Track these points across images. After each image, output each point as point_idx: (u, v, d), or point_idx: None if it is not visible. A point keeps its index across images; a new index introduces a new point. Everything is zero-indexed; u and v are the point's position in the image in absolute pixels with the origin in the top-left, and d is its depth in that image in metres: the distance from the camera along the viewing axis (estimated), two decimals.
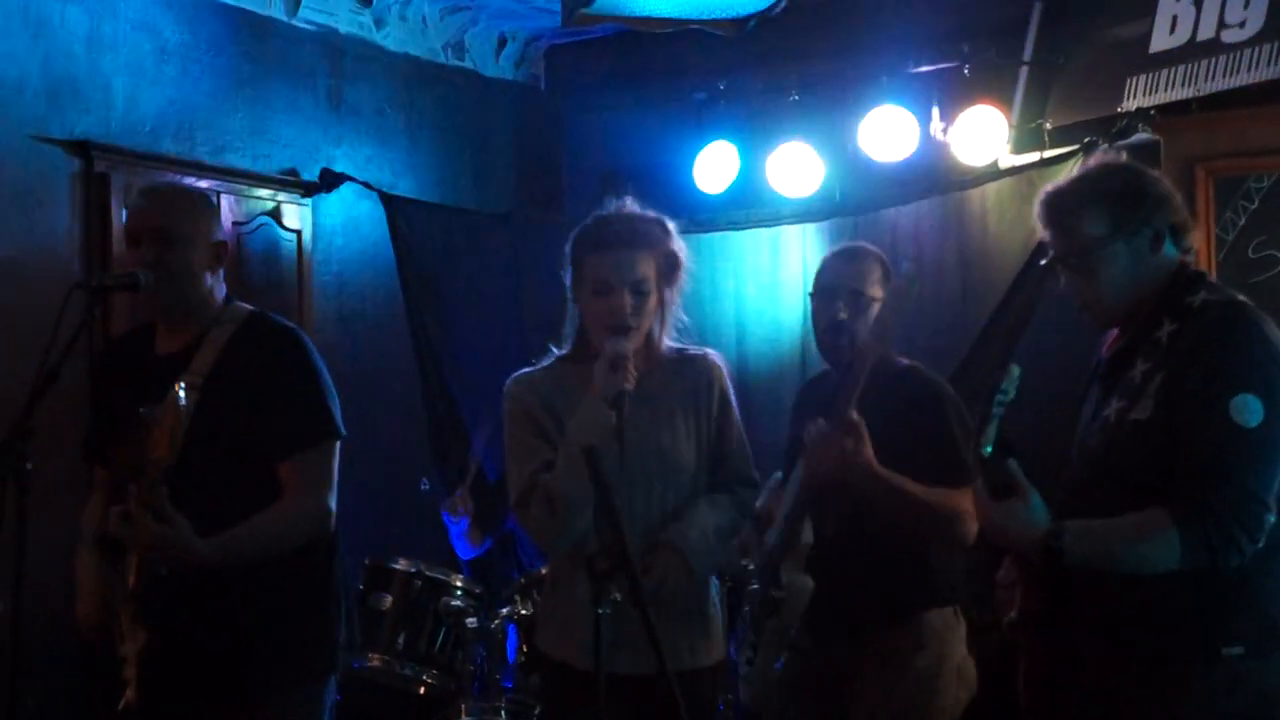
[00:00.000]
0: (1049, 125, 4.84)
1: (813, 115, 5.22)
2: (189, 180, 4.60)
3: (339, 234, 5.29)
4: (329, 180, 5.10)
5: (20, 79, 4.17)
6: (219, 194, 4.68)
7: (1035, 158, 4.82)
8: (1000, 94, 4.88)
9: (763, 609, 3.23)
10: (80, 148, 4.30)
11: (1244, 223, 4.41)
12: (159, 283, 2.76)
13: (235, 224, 4.75)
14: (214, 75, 4.78)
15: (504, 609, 4.10)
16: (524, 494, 2.79)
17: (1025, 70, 4.94)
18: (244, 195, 4.86)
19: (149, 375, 2.83)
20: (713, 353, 3.00)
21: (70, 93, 4.31)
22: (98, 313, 2.74)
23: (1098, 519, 2.38)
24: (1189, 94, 4.45)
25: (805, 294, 3.85)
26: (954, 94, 4.93)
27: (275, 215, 4.96)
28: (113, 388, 2.94)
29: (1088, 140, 4.53)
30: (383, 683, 4.09)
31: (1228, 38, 4.35)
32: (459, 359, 5.17)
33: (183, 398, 2.52)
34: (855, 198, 5.26)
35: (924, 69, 5.00)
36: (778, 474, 3.37)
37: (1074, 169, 4.08)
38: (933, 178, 5.06)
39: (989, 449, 2.35)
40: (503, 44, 6.02)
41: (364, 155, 5.38)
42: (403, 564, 4.22)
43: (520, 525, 2.95)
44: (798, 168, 5.21)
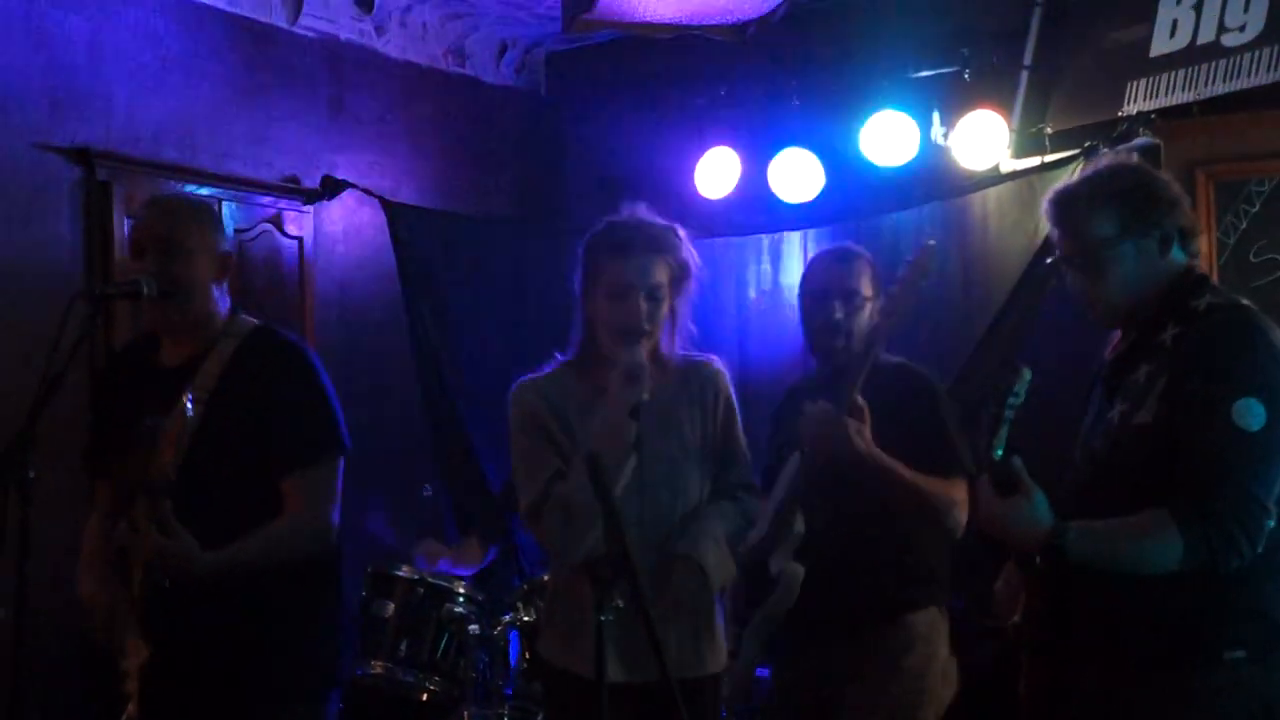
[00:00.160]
0: (1050, 130, 4.84)
1: (814, 120, 5.23)
2: (190, 188, 4.63)
3: (340, 241, 5.29)
4: (330, 187, 5.11)
5: (22, 87, 4.17)
6: (221, 201, 4.69)
7: (1036, 162, 4.82)
8: (1001, 98, 4.88)
9: (749, 599, 3.23)
10: (82, 156, 4.30)
11: (1245, 226, 4.41)
12: (164, 294, 2.75)
13: (237, 231, 4.75)
14: (215, 83, 4.79)
15: (506, 616, 4.09)
16: (537, 503, 2.77)
17: (1026, 75, 4.94)
18: (246, 202, 4.86)
19: (153, 388, 2.83)
20: (716, 359, 3.00)
21: (72, 101, 4.31)
22: (100, 321, 2.74)
23: (1100, 520, 2.38)
24: (1189, 98, 4.44)
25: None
26: (955, 99, 4.93)
27: (277, 222, 4.97)
28: (115, 400, 2.94)
29: (1088, 144, 4.53)
30: (385, 690, 4.09)
31: (1228, 41, 4.35)
32: (460, 365, 5.17)
33: (190, 409, 2.52)
34: (856, 203, 5.26)
35: (924, 74, 5.01)
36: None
37: (1080, 170, 4.07)
38: (933, 183, 5.06)
39: (999, 451, 2.36)
40: (503, 50, 6.03)
41: (365, 162, 5.39)
42: (405, 571, 4.21)
43: (532, 534, 2.91)
44: (799, 173, 5.21)
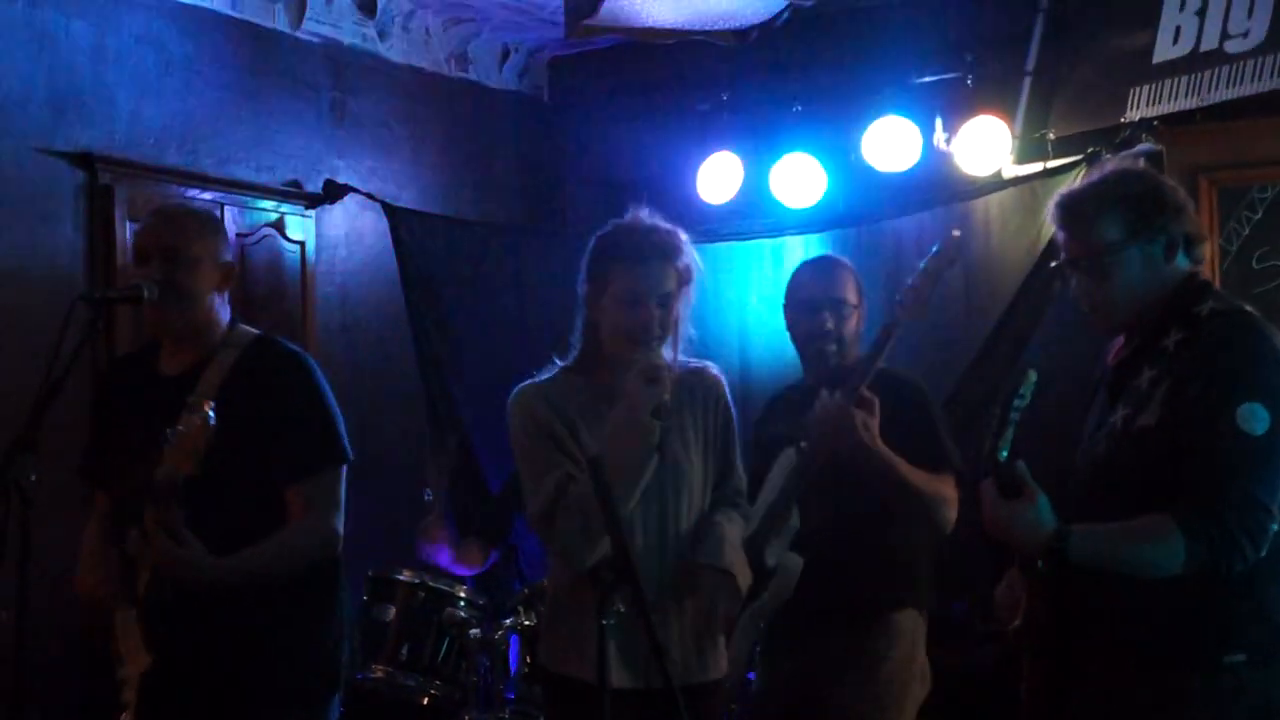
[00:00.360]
0: (1052, 136, 4.84)
1: (816, 126, 5.23)
2: (192, 192, 4.63)
3: (342, 245, 5.30)
4: (332, 192, 5.11)
5: (24, 92, 4.18)
6: (223, 206, 4.69)
7: (1038, 168, 4.82)
8: (1003, 104, 4.88)
9: (752, 591, 3.24)
10: (84, 160, 4.31)
11: (1248, 233, 4.41)
12: (166, 302, 2.75)
13: (239, 235, 4.75)
14: (218, 87, 4.79)
15: (507, 620, 4.10)
16: (548, 507, 2.75)
17: (1028, 81, 4.94)
18: (247, 207, 4.86)
19: (153, 396, 2.83)
20: (712, 365, 3.00)
21: (74, 105, 4.31)
22: (101, 325, 2.73)
23: (1103, 523, 2.38)
24: (1192, 104, 4.44)
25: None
26: (957, 104, 4.93)
27: (279, 227, 4.97)
28: (115, 409, 2.93)
29: (1091, 150, 4.53)
30: (386, 694, 4.09)
31: (1231, 48, 4.35)
32: (462, 370, 5.17)
33: (212, 416, 2.52)
34: (858, 208, 5.26)
35: (927, 79, 5.01)
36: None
37: (1083, 176, 4.08)
38: (936, 188, 5.06)
39: (1005, 453, 2.36)
40: (506, 55, 6.03)
41: (367, 166, 5.39)
42: (406, 575, 4.21)
43: (542, 539, 2.89)
44: (801, 178, 5.21)
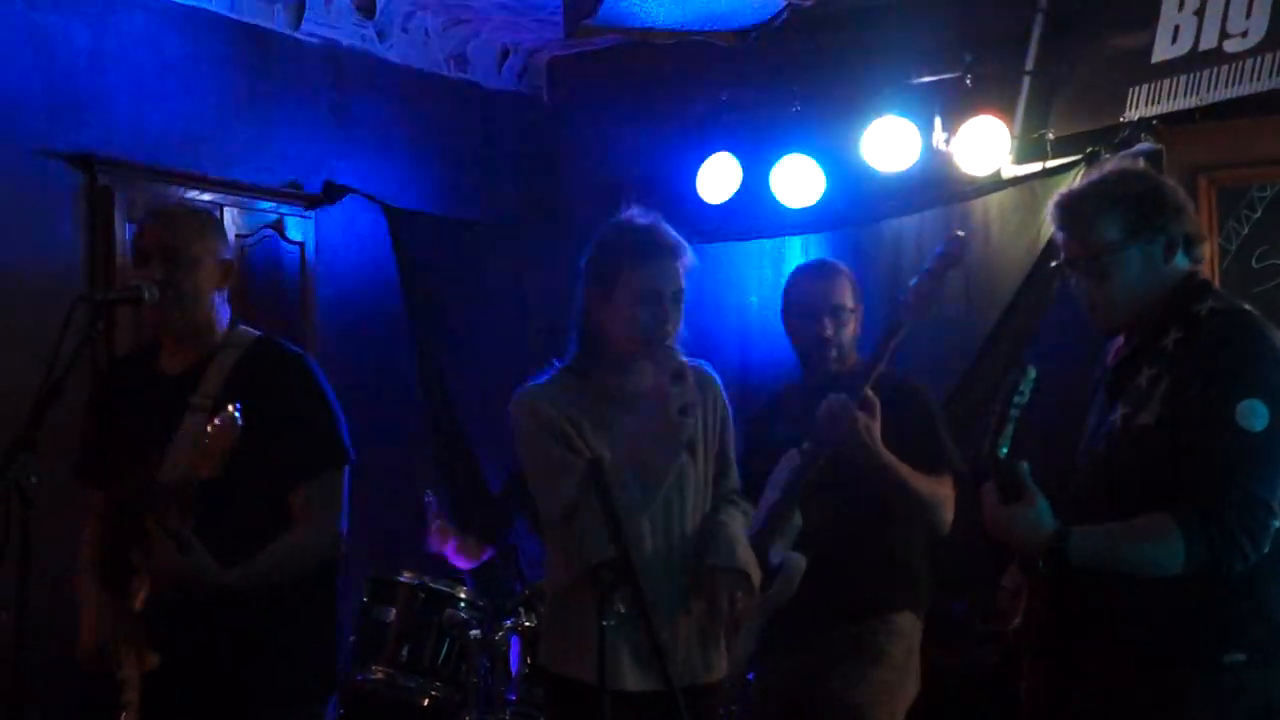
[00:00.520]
0: (1051, 135, 4.83)
1: (815, 126, 5.22)
2: (192, 193, 4.63)
3: (342, 246, 5.30)
4: (332, 193, 5.12)
5: (24, 93, 4.18)
6: (222, 207, 4.70)
7: (1038, 168, 4.82)
8: (1002, 104, 4.88)
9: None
10: (84, 161, 4.31)
11: (1247, 232, 4.41)
12: (166, 301, 2.76)
13: (239, 236, 4.75)
14: (217, 89, 4.79)
15: (507, 621, 4.10)
16: (569, 507, 2.70)
17: (1027, 80, 4.94)
18: (247, 208, 4.86)
19: (153, 396, 2.83)
20: (707, 364, 3.00)
21: (74, 107, 4.32)
22: (101, 326, 2.73)
23: (1103, 523, 2.38)
24: (1191, 104, 4.44)
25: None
26: (956, 104, 4.92)
27: (278, 227, 4.97)
28: (114, 409, 2.93)
29: (1090, 150, 4.53)
30: (386, 695, 4.09)
31: (1230, 47, 4.35)
32: (461, 370, 5.17)
33: (239, 418, 2.53)
34: (857, 208, 5.25)
35: (926, 79, 5.00)
36: None
37: (1082, 176, 4.08)
38: (935, 188, 5.06)
39: (1004, 450, 2.36)
40: (505, 56, 6.03)
41: (367, 167, 5.39)
42: (406, 576, 4.21)
43: (556, 539, 2.85)
44: (800, 179, 5.21)
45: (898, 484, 3.20)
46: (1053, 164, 4.76)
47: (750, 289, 5.51)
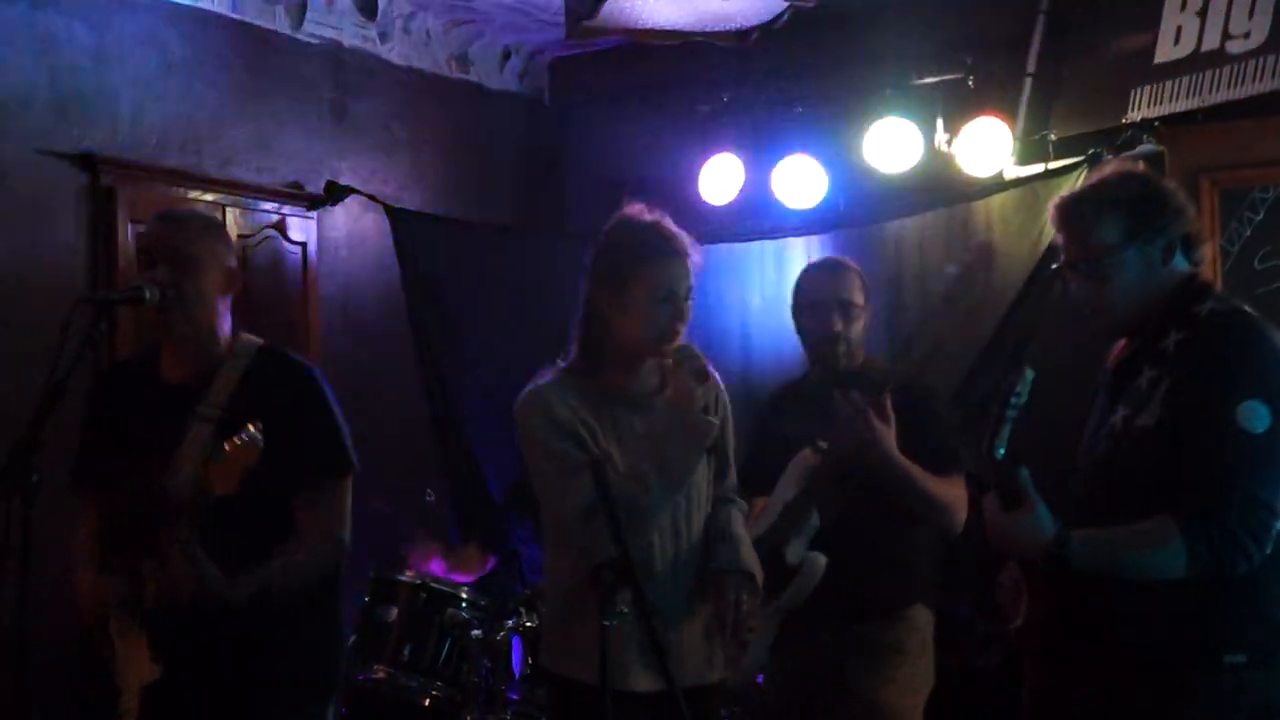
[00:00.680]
0: (1053, 137, 4.83)
1: (817, 127, 5.23)
2: (194, 193, 4.63)
3: (343, 246, 5.30)
4: (334, 193, 5.12)
5: (27, 93, 4.18)
6: (224, 207, 4.70)
7: (1040, 169, 4.82)
8: (1004, 105, 4.88)
9: (772, 588, 3.26)
10: (86, 161, 4.31)
11: (1249, 234, 4.41)
12: (170, 304, 2.74)
13: (240, 236, 4.75)
14: (219, 89, 4.80)
15: (509, 621, 4.10)
16: (586, 509, 2.64)
17: (1029, 82, 4.94)
18: (249, 208, 4.86)
19: (156, 405, 2.82)
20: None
21: (76, 107, 4.32)
22: (104, 326, 2.72)
23: (1104, 526, 2.38)
24: (1194, 105, 4.44)
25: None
26: (958, 106, 4.93)
27: (280, 228, 4.97)
28: (114, 415, 2.90)
29: (1092, 151, 4.53)
30: (387, 695, 4.09)
31: (1232, 48, 4.35)
32: (463, 371, 5.17)
33: (260, 438, 2.53)
34: (859, 209, 5.26)
35: (928, 81, 5.01)
36: None
37: (1084, 177, 4.08)
38: (937, 189, 5.06)
39: (1001, 451, 2.36)
40: (506, 57, 6.04)
41: (368, 168, 5.39)
42: (408, 576, 4.22)
43: (560, 543, 2.83)
44: (802, 180, 5.21)
45: (913, 489, 3.20)
46: (1054, 165, 4.76)
47: (752, 290, 5.51)
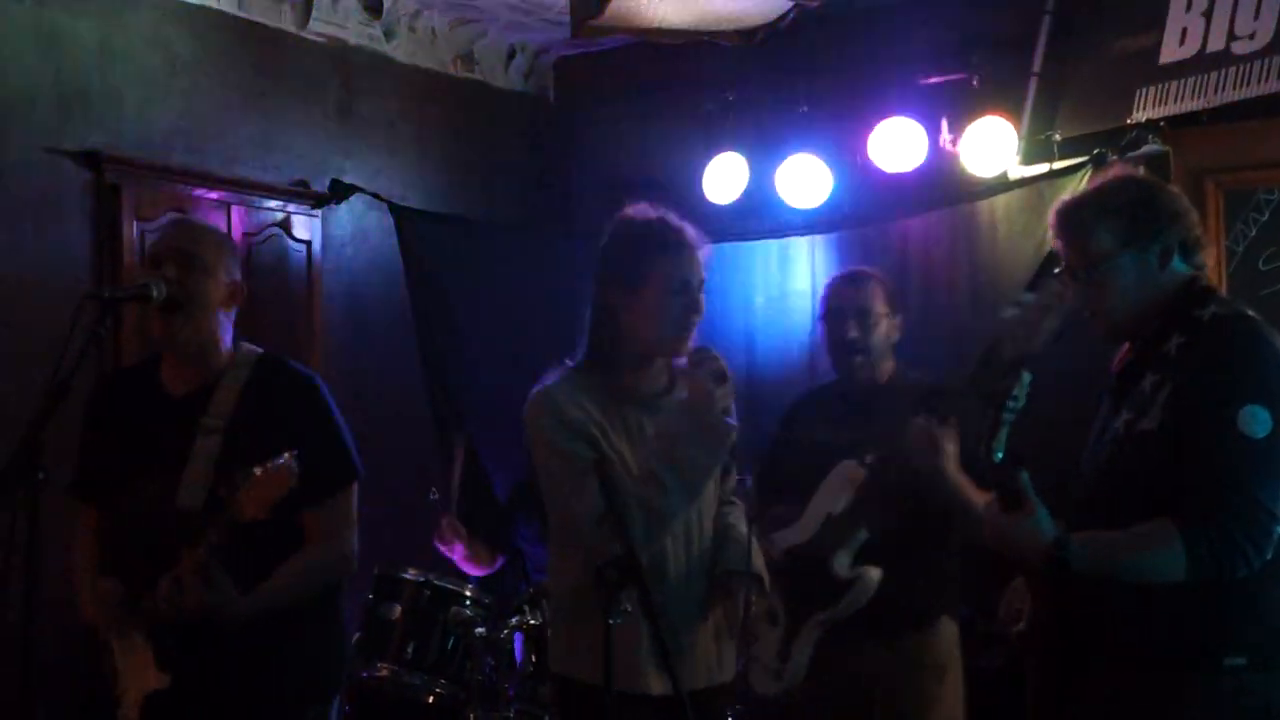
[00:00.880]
0: (1058, 137, 4.83)
1: (822, 127, 5.23)
2: (199, 192, 4.64)
3: (348, 245, 5.31)
4: (339, 191, 5.12)
5: (32, 91, 4.19)
6: (229, 205, 4.71)
7: (1045, 169, 4.82)
8: (1009, 105, 4.88)
9: (804, 599, 3.27)
10: (92, 159, 4.32)
11: (1254, 235, 4.40)
12: (174, 306, 2.75)
13: (245, 235, 4.76)
14: (224, 87, 4.80)
15: (512, 619, 4.10)
16: (601, 511, 2.56)
17: (1034, 82, 4.94)
18: (254, 206, 4.87)
19: (159, 418, 2.82)
20: None
21: (82, 105, 4.33)
22: (109, 323, 2.72)
23: (1106, 530, 2.38)
24: (1199, 105, 4.43)
25: (815, 304, 3.92)
26: (963, 105, 4.93)
27: (285, 226, 4.98)
28: (115, 426, 2.90)
29: (1097, 152, 4.53)
30: (391, 692, 4.09)
31: (1238, 49, 4.35)
32: (467, 370, 5.17)
33: (295, 466, 2.55)
34: (864, 209, 5.26)
35: (933, 80, 5.00)
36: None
37: (1089, 178, 4.08)
38: (942, 189, 5.06)
39: (999, 454, 2.36)
40: (512, 56, 6.04)
41: (373, 166, 5.40)
42: (411, 574, 4.21)
43: (565, 543, 2.81)
44: (807, 179, 5.21)
45: (964, 507, 3.09)
46: (1060, 165, 4.76)
47: (756, 289, 5.51)
